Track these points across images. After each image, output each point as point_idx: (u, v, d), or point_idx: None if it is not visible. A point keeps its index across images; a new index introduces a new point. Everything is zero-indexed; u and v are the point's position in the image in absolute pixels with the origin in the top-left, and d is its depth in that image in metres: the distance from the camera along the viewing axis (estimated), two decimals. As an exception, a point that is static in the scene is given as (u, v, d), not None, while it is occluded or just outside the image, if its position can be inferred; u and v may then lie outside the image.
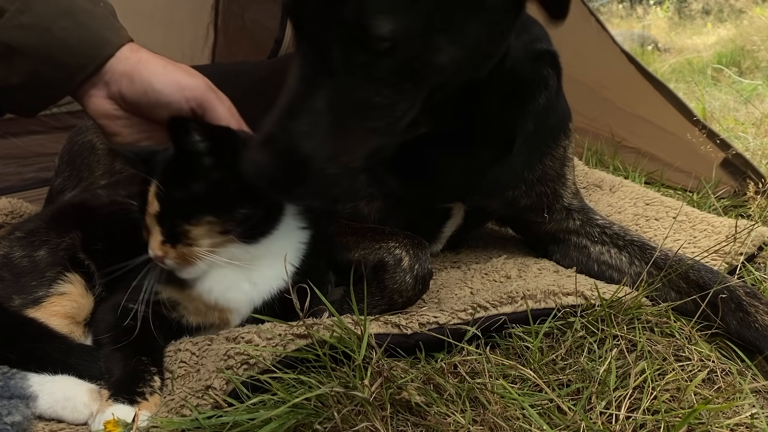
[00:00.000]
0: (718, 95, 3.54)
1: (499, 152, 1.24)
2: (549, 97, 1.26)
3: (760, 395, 0.97)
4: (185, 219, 0.95)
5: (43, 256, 1.06)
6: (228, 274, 1.01)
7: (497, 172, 1.26)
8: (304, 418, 0.81)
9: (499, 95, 1.16)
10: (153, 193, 0.97)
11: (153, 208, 0.97)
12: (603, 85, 2.25)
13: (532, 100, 1.23)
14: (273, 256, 1.02)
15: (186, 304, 1.03)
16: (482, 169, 1.25)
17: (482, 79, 1.07)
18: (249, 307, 1.04)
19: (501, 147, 1.24)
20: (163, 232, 0.96)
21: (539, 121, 1.26)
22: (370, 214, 1.31)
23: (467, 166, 1.24)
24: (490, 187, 1.28)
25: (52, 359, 0.93)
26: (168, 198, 0.96)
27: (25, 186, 2.15)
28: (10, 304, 1.00)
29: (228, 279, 1.02)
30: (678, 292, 1.18)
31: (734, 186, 1.89)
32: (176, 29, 2.41)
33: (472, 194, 1.30)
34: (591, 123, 2.31)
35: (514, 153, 1.25)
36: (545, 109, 1.26)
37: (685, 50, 5.47)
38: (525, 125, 1.24)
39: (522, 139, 1.25)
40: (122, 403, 0.86)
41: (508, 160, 1.26)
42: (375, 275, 1.12)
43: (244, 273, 1.02)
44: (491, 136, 1.22)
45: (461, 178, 1.25)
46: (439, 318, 1.04)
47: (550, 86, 1.25)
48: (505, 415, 0.84)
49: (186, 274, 0.99)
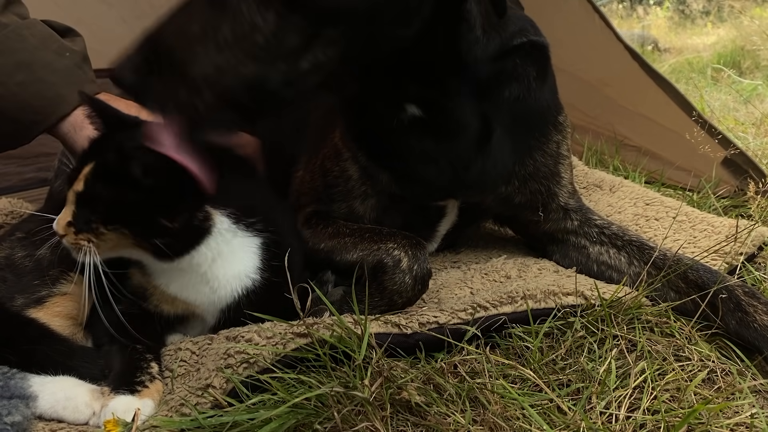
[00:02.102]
0: (718, 95, 3.54)
1: (476, 141, 1.23)
2: (525, 89, 1.25)
3: (759, 395, 0.97)
4: (103, 220, 0.94)
5: (45, 255, 1.05)
6: (182, 278, 1.01)
7: (482, 164, 1.26)
8: (304, 418, 0.81)
9: (461, 82, 1.16)
10: (85, 174, 0.95)
11: (78, 187, 0.95)
12: (605, 82, 2.24)
13: (501, 91, 1.23)
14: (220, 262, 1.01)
15: (152, 291, 1.03)
16: (464, 160, 1.24)
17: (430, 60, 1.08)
18: (214, 306, 1.04)
19: (477, 136, 1.23)
20: (74, 215, 0.95)
21: (517, 113, 1.25)
22: (366, 213, 1.32)
23: (447, 155, 1.23)
24: (478, 180, 1.28)
25: (52, 361, 0.93)
26: (94, 190, 0.94)
27: (25, 186, 2.15)
28: (12, 304, 1.00)
29: (182, 279, 1.01)
30: (677, 292, 1.18)
31: (735, 184, 1.89)
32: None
33: (462, 188, 1.30)
34: (592, 121, 2.30)
35: (495, 144, 1.25)
36: (521, 101, 1.25)
37: (684, 50, 5.47)
38: (500, 116, 1.23)
39: (500, 130, 1.25)
40: (123, 395, 0.87)
41: (491, 152, 1.25)
42: (374, 276, 1.12)
43: (200, 276, 1.01)
44: (461, 122, 1.21)
45: (448, 170, 1.25)
46: (439, 318, 1.04)
47: (520, 77, 1.24)
48: (505, 415, 0.84)
49: (78, 258, 0.97)
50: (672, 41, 6.26)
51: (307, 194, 1.38)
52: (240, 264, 1.03)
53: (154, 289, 1.03)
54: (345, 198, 1.32)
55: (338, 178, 1.32)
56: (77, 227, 0.95)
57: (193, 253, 0.99)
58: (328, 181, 1.34)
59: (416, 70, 1.11)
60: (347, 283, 1.17)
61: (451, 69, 1.13)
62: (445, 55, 1.11)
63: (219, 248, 1.00)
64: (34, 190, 2.09)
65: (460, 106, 1.19)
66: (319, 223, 1.29)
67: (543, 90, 1.30)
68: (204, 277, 1.01)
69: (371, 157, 1.28)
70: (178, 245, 0.97)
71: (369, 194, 1.30)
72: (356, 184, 1.31)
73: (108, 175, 0.94)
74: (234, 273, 1.02)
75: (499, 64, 1.19)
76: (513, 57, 1.22)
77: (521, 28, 1.23)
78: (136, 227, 0.95)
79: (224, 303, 1.03)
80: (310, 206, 1.35)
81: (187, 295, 1.02)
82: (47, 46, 1.10)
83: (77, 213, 0.95)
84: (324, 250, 1.23)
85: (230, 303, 1.03)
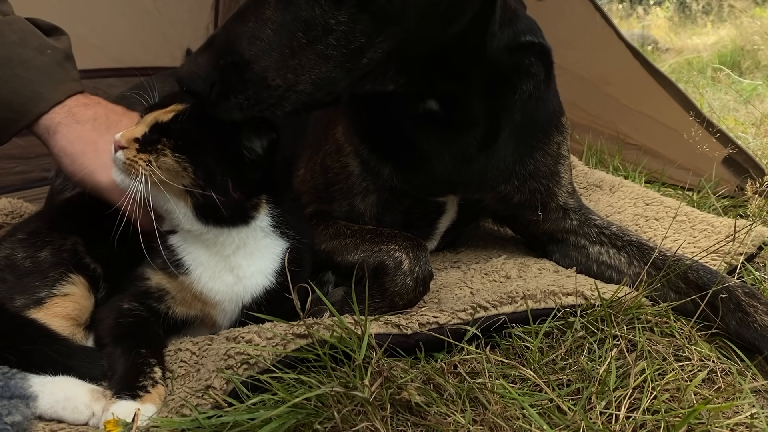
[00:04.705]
0: (718, 95, 3.54)
1: (484, 139, 1.25)
2: (535, 88, 1.26)
3: (759, 395, 0.97)
4: (173, 147, 0.95)
5: (45, 257, 1.05)
6: (210, 261, 1.03)
7: (485, 161, 1.27)
8: (304, 418, 0.81)
9: (481, 78, 1.18)
10: (172, 109, 0.98)
11: (164, 116, 0.97)
12: (607, 81, 2.24)
13: (516, 89, 1.24)
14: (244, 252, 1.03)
15: (174, 293, 1.04)
16: (469, 156, 1.25)
17: (460, 55, 1.10)
18: (235, 304, 1.04)
19: (486, 133, 1.25)
20: (145, 134, 0.96)
21: (526, 113, 1.27)
22: (366, 210, 1.32)
23: (454, 150, 1.25)
24: (480, 177, 1.28)
25: (52, 361, 0.92)
26: (179, 124, 0.96)
27: (26, 185, 2.15)
28: (12, 305, 1.00)
29: (211, 267, 1.03)
30: (677, 292, 1.18)
31: (736, 182, 1.89)
32: (176, 29, 2.41)
33: (463, 184, 1.30)
34: (594, 120, 2.30)
35: (501, 143, 1.26)
36: (532, 100, 1.27)
37: (685, 50, 5.46)
38: (511, 115, 1.26)
39: (509, 130, 1.26)
40: (125, 399, 0.87)
41: (496, 150, 1.26)
42: (375, 278, 1.12)
43: (226, 262, 1.03)
44: (474, 119, 1.23)
45: (450, 164, 1.26)
46: (439, 318, 1.04)
47: (534, 75, 1.26)
48: (505, 415, 0.84)
49: (118, 179, 0.98)
50: (672, 41, 6.25)
51: (308, 193, 1.38)
52: (261, 262, 1.04)
53: (178, 290, 1.03)
54: (346, 195, 1.32)
55: (339, 175, 1.32)
56: (141, 144, 0.96)
57: (226, 231, 1.01)
58: (329, 178, 1.34)
59: (447, 64, 1.13)
60: (348, 284, 1.17)
61: (477, 61, 1.16)
62: (474, 49, 1.13)
63: (246, 241, 1.03)
64: (35, 189, 2.09)
65: (478, 100, 1.21)
66: (320, 223, 1.29)
67: (549, 91, 1.32)
68: (228, 262, 1.03)
69: (374, 149, 1.29)
70: (220, 212, 0.98)
71: (369, 190, 1.30)
72: (357, 180, 1.31)
73: (201, 124, 0.96)
74: (258, 268, 1.04)
75: (514, 58, 1.21)
76: (527, 54, 1.24)
77: (530, 27, 1.24)
78: (201, 169, 0.96)
79: (248, 297, 1.04)
80: (311, 206, 1.35)
81: (213, 285, 1.03)
82: (27, 43, 1.09)
83: (148, 134, 0.96)
84: (325, 251, 1.23)
85: (251, 299, 1.04)
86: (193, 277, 1.02)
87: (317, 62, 0.93)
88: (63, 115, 1.09)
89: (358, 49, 0.95)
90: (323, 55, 0.93)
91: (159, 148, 0.95)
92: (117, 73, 2.24)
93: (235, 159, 0.98)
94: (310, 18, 0.91)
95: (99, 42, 2.20)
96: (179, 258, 1.03)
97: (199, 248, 1.03)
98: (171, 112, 0.98)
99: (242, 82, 0.90)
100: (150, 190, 0.96)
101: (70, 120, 1.09)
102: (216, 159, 0.97)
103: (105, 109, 1.14)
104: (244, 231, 1.02)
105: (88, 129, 1.09)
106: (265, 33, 0.91)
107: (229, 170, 0.98)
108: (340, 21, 0.92)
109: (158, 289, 1.04)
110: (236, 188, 0.99)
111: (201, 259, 1.03)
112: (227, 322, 1.06)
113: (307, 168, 1.43)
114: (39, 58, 1.07)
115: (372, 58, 0.98)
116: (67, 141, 1.08)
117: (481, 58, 1.15)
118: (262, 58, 0.91)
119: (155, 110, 1.00)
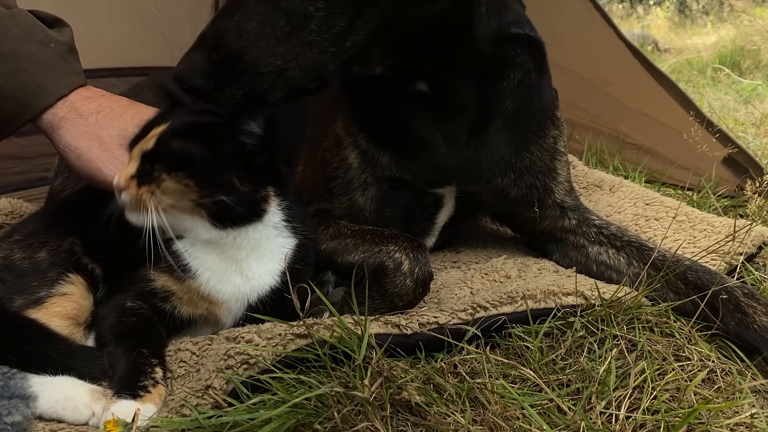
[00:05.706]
0: (718, 95, 3.54)
1: (474, 125, 1.26)
2: (525, 76, 1.27)
3: (759, 395, 0.97)
4: (168, 168, 0.96)
5: (43, 258, 1.05)
6: (220, 265, 1.02)
7: (476, 149, 1.27)
8: (304, 418, 0.81)
9: (469, 62, 1.20)
10: (152, 134, 0.98)
11: (147, 144, 0.97)
12: (607, 81, 2.24)
13: (503, 76, 1.25)
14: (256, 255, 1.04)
15: (180, 294, 1.03)
16: (461, 142, 1.27)
17: (446, 35, 1.13)
18: (240, 303, 1.04)
19: (476, 120, 1.26)
20: (139, 168, 0.97)
21: (518, 101, 1.27)
22: (366, 204, 1.32)
23: (447, 133, 1.26)
24: (474, 165, 1.29)
25: (52, 361, 0.92)
26: (164, 146, 0.97)
27: (26, 185, 2.15)
28: (11, 305, 1.00)
29: (220, 272, 1.03)
30: (676, 293, 1.18)
31: (736, 182, 1.89)
32: (176, 29, 2.41)
33: (459, 173, 1.30)
34: (594, 120, 2.30)
35: (493, 131, 1.27)
36: (523, 88, 1.27)
37: (684, 50, 5.47)
38: (501, 103, 1.27)
39: (501, 119, 1.27)
40: (125, 399, 0.87)
41: (488, 139, 1.27)
42: (375, 279, 1.12)
43: (237, 266, 1.03)
44: (462, 103, 1.24)
45: (444, 148, 1.27)
46: (439, 318, 1.04)
47: (521, 65, 1.26)
48: (505, 415, 0.84)
49: (134, 219, 0.99)
50: (672, 41, 6.26)
51: (308, 191, 1.38)
52: (271, 264, 1.05)
53: (185, 291, 1.03)
54: (345, 190, 1.33)
55: (338, 170, 1.33)
56: (139, 179, 0.96)
57: (243, 232, 1.01)
58: (328, 174, 1.34)
59: (433, 45, 1.15)
60: (348, 284, 1.17)
61: (463, 43, 1.17)
62: (460, 30, 1.15)
63: (260, 242, 1.03)
64: (35, 189, 2.09)
65: (467, 83, 1.22)
66: (321, 223, 1.29)
67: (541, 83, 1.32)
68: (239, 266, 1.03)
69: (372, 137, 1.30)
70: (235, 212, 0.99)
71: (369, 183, 1.31)
72: (356, 173, 1.31)
73: (190, 132, 0.97)
74: (267, 269, 1.04)
75: (501, 48, 1.23)
76: (514, 44, 1.25)
77: (517, 19, 1.25)
78: (202, 177, 0.96)
79: (255, 296, 1.04)
80: (311, 205, 1.35)
81: (221, 287, 1.03)
82: (32, 36, 1.09)
83: (141, 167, 0.97)
84: (325, 251, 1.23)
85: (257, 298, 1.04)
86: (201, 281, 1.02)
87: (302, 48, 0.98)
88: (66, 110, 1.09)
89: (341, 33, 0.99)
90: (307, 41, 0.98)
91: (155, 176, 0.96)
92: (117, 73, 2.24)
93: (235, 152, 0.98)
94: (290, 7, 0.96)
95: (99, 42, 2.20)
96: (185, 263, 1.03)
97: (208, 254, 1.03)
98: (152, 138, 0.98)
99: (235, 73, 0.96)
100: (164, 218, 0.97)
101: (74, 114, 1.09)
102: (213, 162, 0.97)
103: (108, 101, 1.14)
104: (259, 230, 1.03)
105: (92, 123, 1.09)
106: (250, 25, 0.97)
107: (230, 167, 0.98)
108: (318, 7, 0.97)
109: (164, 290, 1.03)
110: (243, 181, 0.99)
111: (209, 263, 1.03)
112: (231, 320, 1.06)
113: (307, 165, 1.43)
114: (43, 52, 1.07)
115: (356, 41, 1.02)
116: (72, 136, 1.08)
117: (467, 40, 1.16)
118: (251, 49, 0.96)
119: (138, 142, 1.01)
